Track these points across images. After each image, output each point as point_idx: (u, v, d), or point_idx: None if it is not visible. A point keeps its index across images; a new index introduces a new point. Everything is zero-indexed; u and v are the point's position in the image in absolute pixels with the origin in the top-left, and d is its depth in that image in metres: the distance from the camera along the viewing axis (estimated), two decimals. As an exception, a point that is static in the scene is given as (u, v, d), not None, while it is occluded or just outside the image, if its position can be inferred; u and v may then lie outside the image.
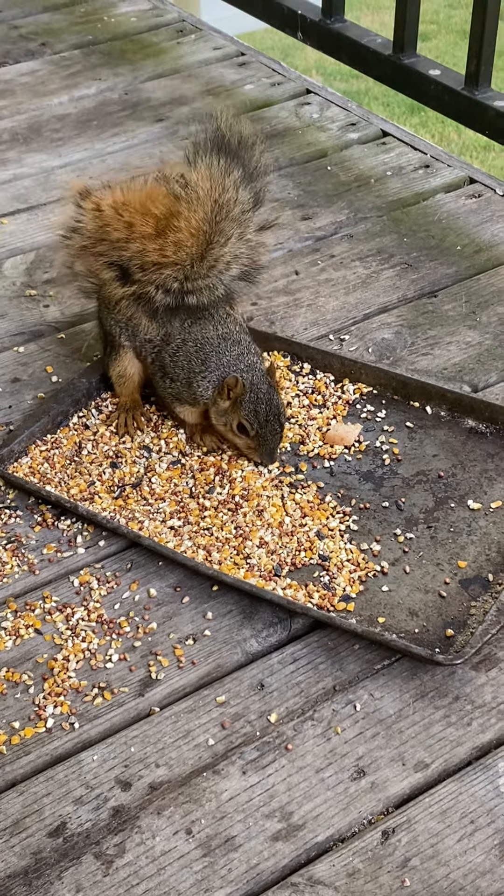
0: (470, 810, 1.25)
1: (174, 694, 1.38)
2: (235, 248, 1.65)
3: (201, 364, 1.63)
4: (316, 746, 1.32)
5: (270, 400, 1.59)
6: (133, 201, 1.65)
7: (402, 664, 1.40)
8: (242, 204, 1.62)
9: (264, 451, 1.61)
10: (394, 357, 1.87)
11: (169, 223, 1.60)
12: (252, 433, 1.59)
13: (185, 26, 2.96)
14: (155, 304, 1.66)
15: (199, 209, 1.60)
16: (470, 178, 2.33)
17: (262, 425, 1.59)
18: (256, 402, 1.58)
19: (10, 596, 1.50)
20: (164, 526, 1.56)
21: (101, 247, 1.67)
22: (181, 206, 1.60)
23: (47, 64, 2.80)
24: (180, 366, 1.65)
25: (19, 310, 2.01)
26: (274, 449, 1.61)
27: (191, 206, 1.60)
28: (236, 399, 1.59)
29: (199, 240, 1.61)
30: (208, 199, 1.60)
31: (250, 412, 1.58)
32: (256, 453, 1.62)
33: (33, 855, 1.22)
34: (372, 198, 2.28)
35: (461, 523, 1.57)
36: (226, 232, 1.62)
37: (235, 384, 1.58)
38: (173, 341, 1.66)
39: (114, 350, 1.73)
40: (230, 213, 1.61)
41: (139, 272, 1.64)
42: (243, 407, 1.58)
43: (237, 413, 1.59)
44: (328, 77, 5.40)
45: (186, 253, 1.61)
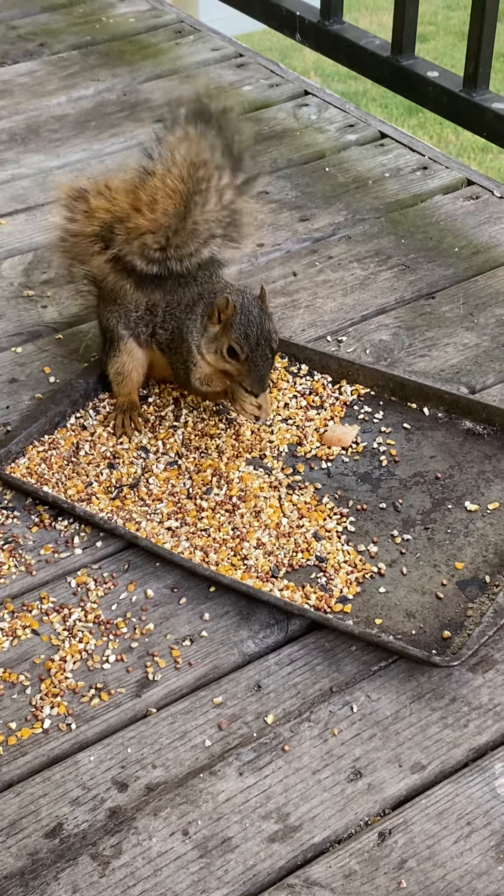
0: (466, 812, 1.25)
1: (171, 695, 1.38)
2: (217, 212, 1.63)
3: (187, 308, 1.63)
4: (313, 748, 1.32)
5: (262, 324, 1.56)
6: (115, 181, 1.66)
7: (399, 666, 1.40)
8: (218, 164, 1.61)
9: (255, 378, 1.57)
10: (391, 358, 1.87)
11: (143, 183, 1.60)
12: (242, 356, 1.56)
13: (184, 27, 2.96)
14: (139, 272, 1.65)
15: (174, 169, 1.59)
16: (468, 180, 2.33)
17: (252, 349, 1.55)
18: (247, 325, 1.55)
19: (7, 596, 1.49)
20: (162, 527, 1.56)
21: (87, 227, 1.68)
22: (156, 165, 1.60)
23: (45, 64, 2.80)
24: (172, 326, 1.65)
25: (17, 310, 2.01)
26: (265, 376, 1.58)
27: (166, 166, 1.60)
28: (226, 322, 1.57)
29: (176, 200, 1.60)
30: (184, 162, 1.59)
31: (240, 335, 1.55)
32: (247, 379, 1.58)
33: (30, 856, 1.22)
34: (370, 199, 2.28)
35: (458, 525, 1.57)
36: (203, 192, 1.60)
37: (226, 305, 1.56)
38: (159, 312, 1.67)
39: (112, 345, 1.73)
40: (207, 174, 1.60)
41: (123, 241, 1.63)
42: (234, 329, 1.55)
43: (227, 336, 1.57)
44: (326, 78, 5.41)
45: (164, 213, 1.60)
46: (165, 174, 1.60)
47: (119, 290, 1.69)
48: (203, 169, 1.60)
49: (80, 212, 1.68)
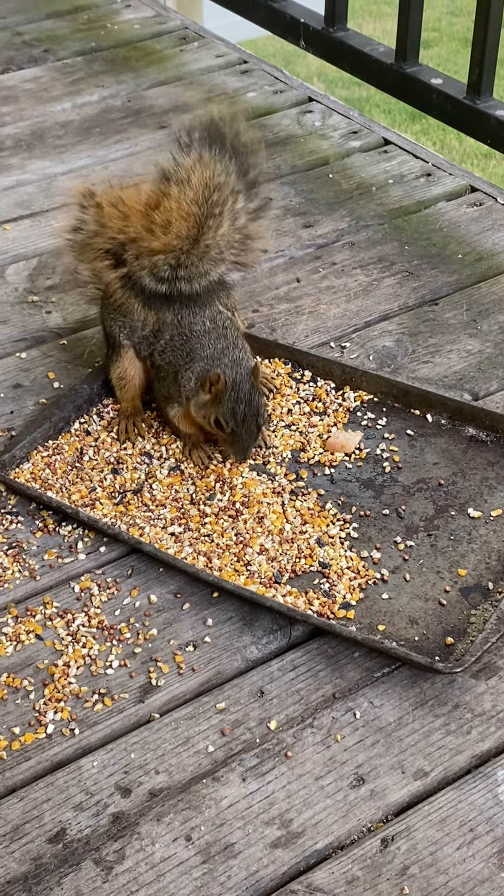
0: (469, 819, 1.25)
1: (174, 700, 1.38)
2: (229, 235, 1.65)
3: (186, 356, 1.64)
4: (315, 754, 1.32)
5: (251, 400, 1.59)
6: (132, 198, 1.66)
7: (402, 672, 1.40)
8: (233, 188, 1.62)
9: (238, 448, 1.60)
10: (395, 365, 1.88)
11: (158, 202, 1.61)
12: (227, 430, 1.59)
13: (188, 34, 2.97)
14: (147, 291, 1.66)
15: (189, 192, 1.60)
16: (471, 187, 2.33)
17: (238, 425, 1.58)
18: (236, 402, 1.58)
19: (10, 601, 1.50)
20: (165, 532, 1.57)
21: (98, 239, 1.68)
22: (171, 187, 1.61)
23: (50, 70, 2.81)
24: (167, 361, 1.66)
25: (21, 316, 2.01)
26: (248, 447, 1.61)
27: (182, 189, 1.60)
28: (217, 395, 1.59)
29: (190, 223, 1.61)
30: (199, 184, 1.60)
31: (228, 411, 1.58)
32: (230, 448, 1.62)
33: (33, 861, 1.23)
34: (373, 206, 2.29)
35: (461, 531, 1.58)
36: (216, 216, 1.61)
37: (217, 380, 1.58)
38: (163, 337, 1.67)
39: (114, 351, 1.74)
40: (221, 197, 1.61)
41: (134, 260, 1.65)
42: (222, 404, 1.58)
43: (216, 408, 1.59)
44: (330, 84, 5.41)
45: (177, 235, 1.61)
46: (180, 196, 1.60)
47: (126, 306, 1.70)
48: (217, 192, 1.61)
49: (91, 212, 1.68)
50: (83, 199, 1.70)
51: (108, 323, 1.75)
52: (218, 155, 1.61)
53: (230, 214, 1.64)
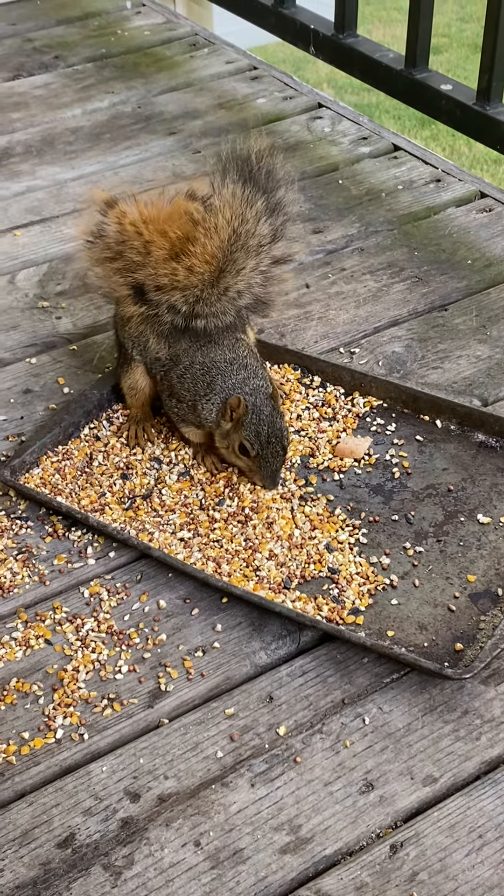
0: (478, 825, 1.25)
1: (183, 706, 1.38)
2: (248, 279, 1.63)
3: (206, 387, 1.62)
4: (324, 759, 1.32)
5: (273, 422, 1.58)
6: (154, 219, 1.64)
7: (411, 678, 1.40)
8: (260, 237, 1.61)
9: (266, 474, 1.59)
10: (404, 370, 1.88)
11: (184, 247, 1.59)
12: (253, 454, 1.58)
13: (198, 40, 2.98)
14: (163, 325, 1.66)
15: (216, 236, 1.59)
16: (481, 193, 2.33)
17: (263, 447, 1.57)
18: (258, 424, 1.57)
19: (20, 606, 1.50)
20: (174, 537, 1.57)
21: (118, 262, 1.66)
22: (199, 230, 1.59)
23: (61, 77, 2.82)
24: (186, 388, 1.64)
25: (32, 321, 2.02)
26: (276, 472, 1.59)
27: (208, 233, 1.59)
28: (238, 420, 1.58)
29: (212, 266, 1.60)
30: (227, 228, 1.58)
31: (251, 433, 1.57)
32: (258, 475, 1.60)
33: (42, 866, 1.23)
34: (383, 211, 2.29)
35: (471, 537, 1.57)
36: (239, 262, 1.60)
37: (238, 405, 1.57)
38: (181, 363, 1.66)
39: (126, 362, 1.74)
40: (247, 245, 1.60)
41: (153, 291, 1.64)
42: (245, 427, 1.57)
43: (239, 433, 1.58)
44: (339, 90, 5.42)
45: (199, 278, 1.60)
46: (207, 241, 1.58)
47: (142, 336, 1.69)
48: (244, 238, 1.59)
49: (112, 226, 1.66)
50: (104, 208, 1.68)
51: (121, 335, 1.74)
52: (250, 197, 1.58)
53: (253, 260, 1.62)
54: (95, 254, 1.69)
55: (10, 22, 3.09)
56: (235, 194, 1.58)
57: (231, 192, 1.59)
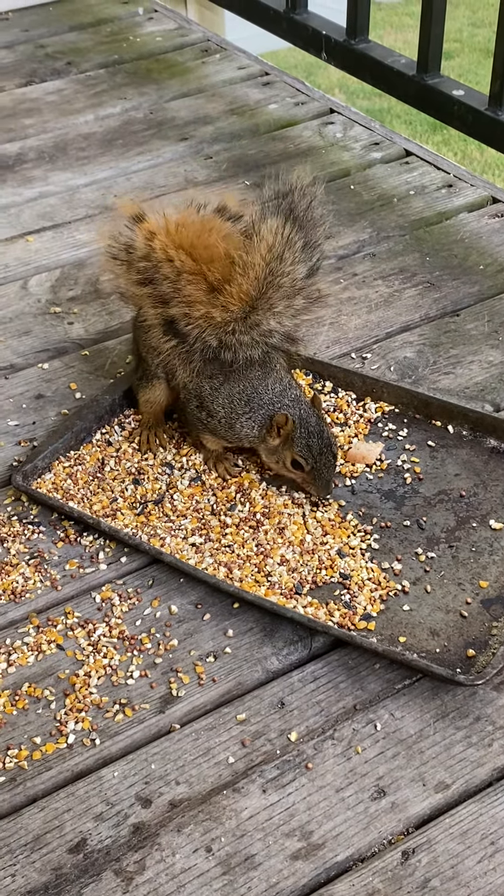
0: (490, 832, 1.25)
1: (195, 711, 1.38)
2: (279, 317, 1.60)
3: (245, 405, 1.61)
4: (336, 766, 1.32)
5: (322, 432, 1.57)
6: (186, 243, 1.60)
7: (423, 684, 1.40)
8: (295, 278, 1.58)
9: (321, 485, 1.59)
10: (416, 376, 1.87)
11: (221, 288, 1.57)
12: (308, 468, 1.57)
13: (210, 46, 2.99)
14: (193, 358, 1.64)
15: (251, 273, 1.56)
16: (493, 198, 2.33)
17: (316, 459, 1.57)
18: (308, 437, 1.56)
19: (32, 611, 1.50)
20: (186, 543, 1.57)
21: (149, 288, 1.63)
22: (237, 271, 1.56)
23: (73, 83, 2.83)
24: (220, 404, 1.62)
25: (44, 327, 2.02)
26: (330, 480, 1.59)
27: (245, 272, 1.56)
28: (287, 436, 1.58)
29: (245, 303, 1.58)
30: (263, 266, 1.55)
31: (303, 448, 1.56)
32: (312, 487, 1.60)
33: (54, 871, 1.23)
34: (395, 217, 2.29)
35: (483, 543, 1.57)
36: (272, 300, 1.58)
37: (285, 422, 1.56)
38: (215, 377, 1.64)
39: (146, 378, 1.72)
40: (281, 283, 1.57)
41: (184, 325, 1.61)
42: (296, 444, 1.56)
43: (290, 450, 1.57)
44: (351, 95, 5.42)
45: (231, 315, 1.58)
46: (243, 280, 1.56)
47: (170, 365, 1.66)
48: (280, 278, 1.56)
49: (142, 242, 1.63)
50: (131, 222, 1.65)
51: (143, 352, 1.71)
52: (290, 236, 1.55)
53: (286, 299, 1.59)
54: (122, 271, 1.66)
55: (23, 28, 3.10)
56: (276, 232, 1.55)
57: (270, 230, 1.55)
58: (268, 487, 1.65)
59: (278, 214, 1.56)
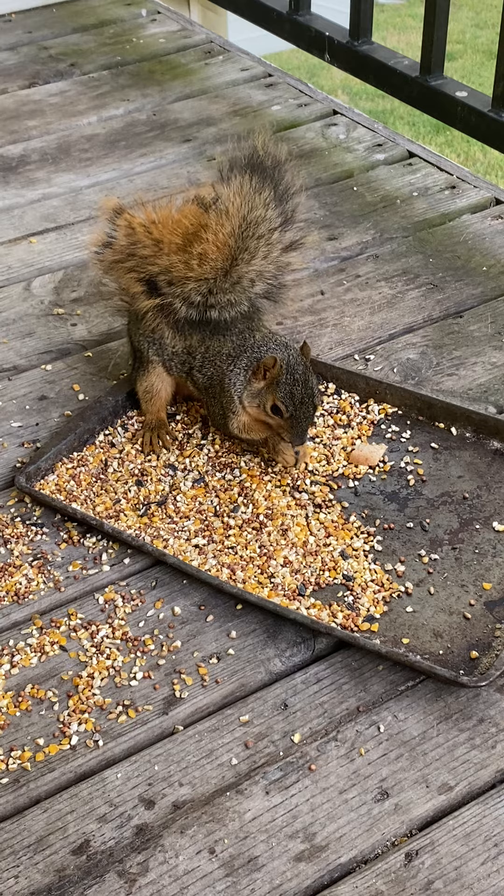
0: (494, 833, 1.25)
1: (198, 713, 1.38)
2: (261, 266, 1.65)
3: (227, 359, 1.63)
4: (339, 767, 1.32)
5: (306, 381, 1.57)
6: (164, 220, 1.66)
7: (427, 686, 1.40)
8: (270, 222, 1.63)
9: (296, 433, 1.59)
10: (419, 377, 1.87)
11: (196, 234, 1.61)
12: (287, 415, 1.58)
13: (213, 47, 2.99)
14: (178, 316, 1.67)
15: (227, 223, 1.61)
16: (496, 199, 2.33)
17: (296, 407, 1.57)
18: (293, 384, 1.56)
19: (35, 613, 1.50)
20: (189, 544, 1.57)
21: (130, 262, 1.68)
22: (209, 218, 1.61)
23: (76, 84, 2.83)
24: (210, 374, 1.65)
25: (47, 328, 2.02)
26: (305, 430, 1.59)
27: (219, 220, 1.61)
28: (272, 379, 1.57)
29: (224, 254, 1.61)
30: (237, 215, 1.60)
31: (286, 394, 1.56)
32: (287, 433, 1.60)
33: (57, 872, 1.23)
34: (398, 218, 2.29)
35: (486, 545, 1.57)
36: (251, 249, 1.62)
37: (273, 364, 1.56)
38: (198, 352, 1.67)
39: (142, 366, 1.75)
40: (258, 231, 1.62)
41: (166, 286, 1.65)
42: (279, 388, 1.56)
43: (272, 394, 1.57)
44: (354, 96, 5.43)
45: (211, 267, 1.62)
46: (218, 229, 1.60)
47: (158, 331, 1.70)
48: (255, 226, 1.60)
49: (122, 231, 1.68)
50: (112, 216, 1.70)
51: (136, 338, 1.75)
52: (257, 185, 1.60)
53: (265, 247, 1.63)
54: (105, 259, 1.71)
55: (27, 30, 3.11)
56: (244, 183, 1.60)
57: (239, 182, 1.60)
58: (272, 489, 1.65)
59: (244, 167, 1.61)
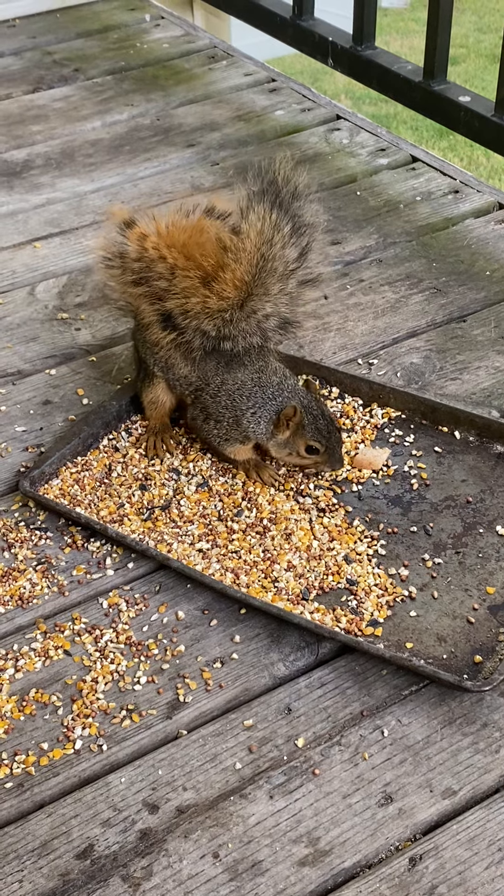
0: (498, 838, 1.25)
1: (202, 717, 1.38)
2: (275, 301, 1.62)
3: (247, 400, 1.63)
4: (343, 772, 1.32)
5: (324, 413, 1.61)
6: (178, 242, 1.63)
7: (430, 690, 1.40)
8: (287, 261, 1.61)
9: (335, 460, 1.62)
10: (422, 381, 1.88)
11: (216, 275, 1.60)
12: (322, 450, 1.61)
13: (217, 52, 2.99)
14: (193, 350, 1.66)
15: (244, 260, 1.58)
16: (499, 204, 2.33)
17: (328, 440, 1.61)
18: (315, 421, 1.60)
19: (39, 617, 1.51)
20: (193, 548, 1.57)
21: (144, 288, 1.66)
22: (228, 257, 1.59)
23: (80, 90, 2.84)
24: (224, 405, 1.65)
25: (51, 333, 2.03)
26: (342, 455, 1.63)
27: (237, 258, 1.59)
28: (296, 427, 1.61)
29: (240, 291, 1.60)
30: (255, 252, 1.58)
31: (314, 432, 1.60)
32: (327, 466, 1.63)
33: (61, 877, 1.23)
34: (401, 223, 2.29)
35: (490, 549, 1.57)
36: (267, 285, 1.60)
37: (294, 413, 1.60)
38: (212, 382, 1.66)
39: (147, 378, 1.74)
40: (274, 268, 1.60)
41: (181, 317, 1.64)
42: (307, 430, 1.60)
43: (302, 438, 1.61)
44: (357, 101, 5.43)
45: (227, 302, 1.61)
46: (236, 265, 1.58)
47: (170, 361, 1.69)
48: (272, 262, 1.59)
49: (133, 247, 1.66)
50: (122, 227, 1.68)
51: (142, 350, 1.74)
52: (276, 221, 1.58)
53: (281, 283, 1.61)
54: (116, 275, 1.69)
55: (31, 35, 3.11)
56: (263, 218, 1.58)
57: (258, 217, 1.58)
58: (275, 493, 1.65)
59: (263, 201, 1.59)
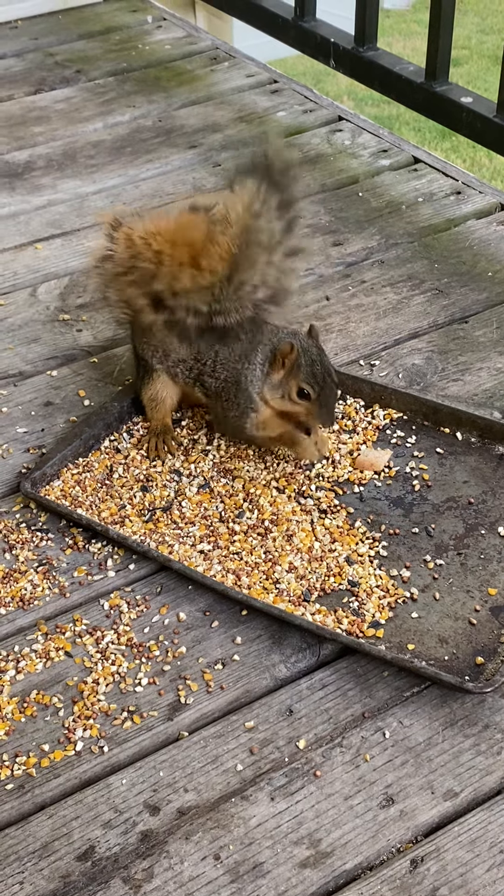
0: (499, 840, 1.24)
1: (203, 718, 1.38)
2: (263, 272, 1.64)
3: (241, 357, 1.63)
4: (345, 773, 1.31)
5: (323, 361, 1.59)
6: (164, 230, 1.65)
7: (432, 692, 1.40)
8: (273, 231, 1.62)
9: (324, 413, 1.60)
10: (424, 383, 1.87)
11: (206, 248, 1.61)
12: (314, 396, 1.58)
13: (219, 54, 2.99)
14: (185, 328, 1.67)
15: (230, 232, 1.60)
16: (501, 205, 2.33)
17: (321, 386, 1.58)
18: (312, 364, 1.58)
19: (40, 618, 1.51)
20: (194, 550, 1.57)
21: (132, 275, 1.67)
22: (217, 230, 1.61)
23: (82, 91, 2.84)
24: (224, 378, 1.65)
25: (52, 334, 2.03)
26: (332, 409, 1.60)
27: (225, 230, 1.60)
28: (291, 366, 1.58)
29: (227, 262, 1.61)
30: (240, 223, 1.60)
31: (308, 375, 1.57)
32: (318, 417, 1.60)
33: (62, 878, 1.23)
34: (403, 224, 2.29)
35: (491, 550, 1.57)
36: (253, 256, 1.62)
37: (290, 350, 1.57)
38: (208, 359, 1.67)
39: (146, 374, 1.75)
40: (259, 239, 1.61)
41: (171, 298, 1.65)
42: (301, 371, 1.58)
43: (295, 379, 1.58)
44: (359, 102, 5.43)
45: (215, 276, 1.62)
46: (223, 238, 1.59)
47: (166, 343, 1.70)
48: (257, 233, 1.59)
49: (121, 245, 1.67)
50: (110, 229, 1.70)
51: (139, 347, 1.75)
52: (267, 194, 1.59)
53: (267, 254, 1.62)
54: (106, 272, 1.70)
55: (32, 36, 3.12)
56: (249, 191, 1.59)
57: (244, 189, 1.59)
58: (277, 494, 1.65)
59: (253, 176, 1.59)
